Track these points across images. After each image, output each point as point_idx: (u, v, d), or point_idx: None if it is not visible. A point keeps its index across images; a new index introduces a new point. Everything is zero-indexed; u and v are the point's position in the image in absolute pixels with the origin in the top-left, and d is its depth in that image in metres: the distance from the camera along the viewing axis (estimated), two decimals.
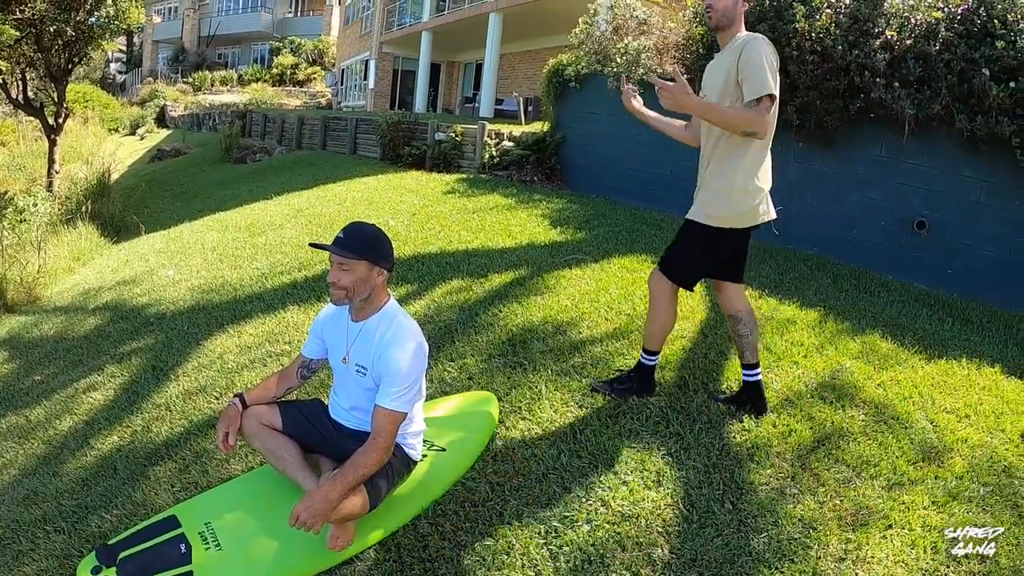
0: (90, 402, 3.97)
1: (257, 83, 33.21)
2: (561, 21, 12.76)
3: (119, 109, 31.16)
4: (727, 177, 2.93)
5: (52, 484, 3.18)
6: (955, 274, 5.42)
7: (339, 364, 2.60)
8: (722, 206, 2.94)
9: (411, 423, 2.57)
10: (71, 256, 8.31)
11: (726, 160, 2.95)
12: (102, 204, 11.11)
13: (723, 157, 2.96)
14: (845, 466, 2.86)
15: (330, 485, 2.23)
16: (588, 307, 4.31)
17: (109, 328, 5.17)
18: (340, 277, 2.39)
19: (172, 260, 6.81)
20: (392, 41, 24.44)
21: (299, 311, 4.64)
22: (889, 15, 5.45)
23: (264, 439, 2.55)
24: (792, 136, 6.20)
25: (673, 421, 3.11)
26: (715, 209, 2.95)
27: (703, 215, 2.98)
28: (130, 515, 2.81)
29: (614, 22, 7.97)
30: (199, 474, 3.02)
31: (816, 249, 6.18)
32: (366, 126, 13.22)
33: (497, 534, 2.49)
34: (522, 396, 3.33)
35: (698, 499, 2.64)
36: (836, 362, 3.71)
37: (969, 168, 5.33)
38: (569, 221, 6.48)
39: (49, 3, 11.20)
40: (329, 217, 7.26)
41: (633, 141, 7.75)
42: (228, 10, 40.17)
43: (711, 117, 2.84)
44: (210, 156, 17.72)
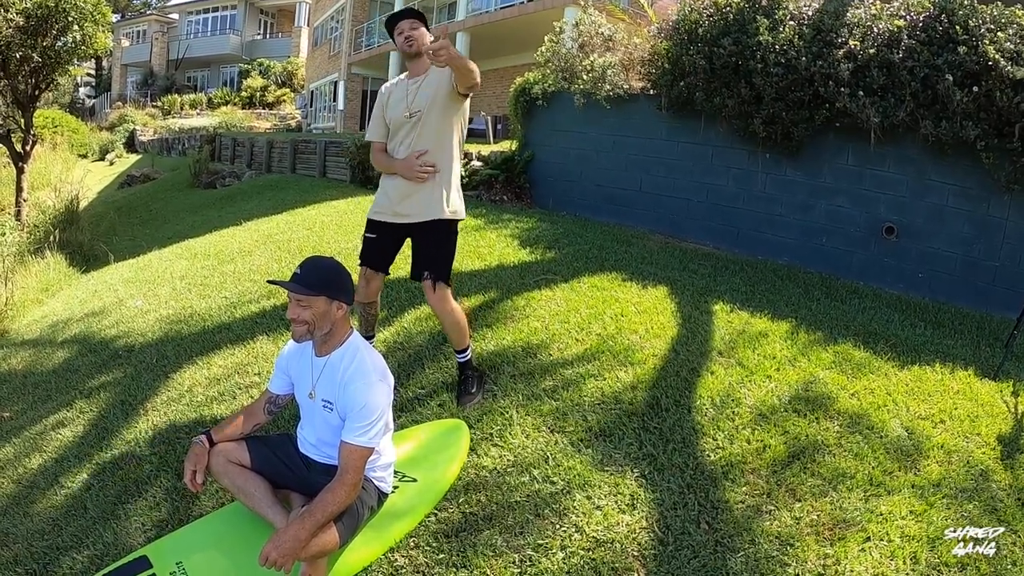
0: (59, 439, 3.88)
1: (227, 106, 33.03)
2: (528, 39, 12.84)
3: (88, 134, 30.80)
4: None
5: (23, 525, 3.11)
6: (925, 278, 5.48)
7: (305, 399, 2.56)
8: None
9: (381, 456, 2.53)
10: (39, 287, 8.15)
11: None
12: (71, 232, 10.94)
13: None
14: (821, 479, 2.85)
15: (299, 524, 2.18)
16: (558, 328, 4.28)
17: (78, 362, 5.07)
18: (299, 313, 2.37)
19: (141, 290, 6.70)
20: (361, 62, 24.44)
21: (268, 341, 4.57)
22: (852, 25, 5.53)
23: (232, 476, 2.50)
24: (759, 147, 6.26)
25: (646, 442, 3.09)
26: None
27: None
28: (101, 555, 2.76)
29: (580, 39, 8.02)
30: (169, 512, 2.96)
31: (786, 258, 6.22)
32: (335, 149, 13.15)
33: (471, 564, 2.45)
34: (493, 422, 3.29)
35: (673, 521, 2.62)
36: (810, 373, 3.71)
37: (935, 173, 5.41)
38: (539, 240, 6.47)
39: (15, 29, 11.06)
40: (299, 243, 7.19)
41: (601, 158, 7.78)
42: (197, 33, 39.98)
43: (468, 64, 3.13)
44: (179, 181, 17.56)
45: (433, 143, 3.36)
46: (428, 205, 3.36)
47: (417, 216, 3.37)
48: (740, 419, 3.28)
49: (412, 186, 3.34)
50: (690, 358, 3.88)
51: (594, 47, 7.87)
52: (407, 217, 3.39)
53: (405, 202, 3.37)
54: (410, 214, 3.38)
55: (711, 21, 6.26)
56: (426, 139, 3.35)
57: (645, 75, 7.28)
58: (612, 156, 7.68)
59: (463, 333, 3.51)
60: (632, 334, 4.19)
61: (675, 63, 6.56)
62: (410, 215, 3.38)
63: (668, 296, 4.91)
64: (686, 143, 6.98)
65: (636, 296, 4.86)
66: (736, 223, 6.63)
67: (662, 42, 6.79)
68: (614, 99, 7.33)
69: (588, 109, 7.62)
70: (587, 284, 5.10)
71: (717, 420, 3.27)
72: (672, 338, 4.17)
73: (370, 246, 3.53)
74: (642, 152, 7.38)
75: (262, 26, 40.40)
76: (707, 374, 3.70)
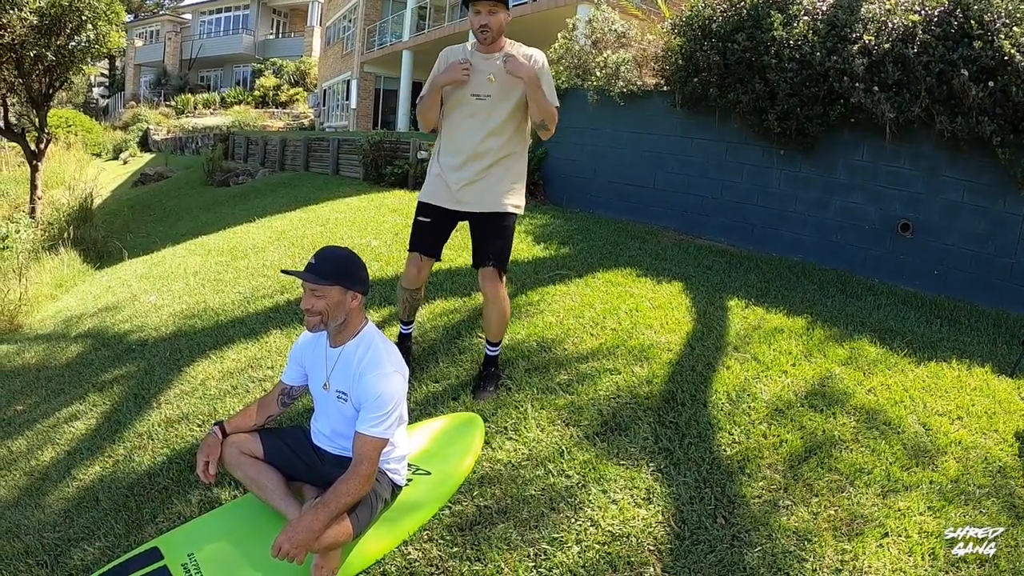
0: (72, 432, 3.89)
1: (240, 105, 33.14)
2: (541, 36, 12.81)
3: (102, 133, 31.00)
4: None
5: (35, 516, 3.11)
6: (941, 275, 5.43)
7: (320, 391, 2.55)
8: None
9: (395, 448, 2.52)
10: (53, 283, 8.21)
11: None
12: (85, 230, 11.02)
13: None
14: (838, 474, 2.82)
15: (312, 515, 2.17)
16: (573, 323, 4.27)
17: (91, 356, 5.09)
18: (313, 303, 2.36)
19: (154, 286, 6.73)
20: (373, 61, 24.48)
21: (281, 335, 4.57)
22: (866, 20, 5.48)
23: (245, 468, 2.50)
24: (773, 143, 6.22)
25: (662, 436, 3.07)
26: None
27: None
28: (113, 547, 2.75)
29: (593, 36, 7.99)
30: (182, 504, 2.95)
31: (801, 255, 6.18)
32: (348, 146, 13.18)
33: (486, 558, 2.44)
34: (508, 416, 3.27)
35: (689, 515, 2.60)
36: (825, 369, 3.69)
37: (951, 169, 5.36)
38: (552, 236, 6.45)
39: (29, 28, 11.14)
40: (312, 239, 7.20)
41: (615, 154, 7.76)
42: (210, 32, 40.19)
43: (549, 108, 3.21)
44: (193, 179, 17.64)
45: (498, 131, 3.25)
46: (494, 196, 3.29)
47: (479, 206, 3.30)
48: (756, 414, 3.25)
49: (473, 171, 3.25)
50: (705, 353, 3.86)
51: (607, 44, 7.84)
52: (468, 205, 3.30)
53: (468, 189, 3.27)
54: (472, 202, 3.29)
55: (725, 16, 6.23)
56: (491, 124, 3.24)
57: (659, 71, 7.25)
58: (626, 153, 7.65)
59: (505, 325, 3.49)
60: (647, 329, 4.17)
61: (689, 59, 6.53)
62: (471, 204, 3.30)
63: (683, 292, 4.89)
64: (700, 139, 6.94)
65: (651, 292, 4.84)
66: (751, 220, 6.59)
67: (676, 38, 6.76)
68: (628, 96, 7.30)
69: (602, 106, 7.60)
70: (601, 280, 5.08)
71: (733, 415, 3.25)
72: (687, 333, 4.14)
73: (425, 231, 3.42)
74: (656, 148, 7.35)
75: (275, 26, 40.54)
76: (723, 369, 3.67)
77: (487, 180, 3.28)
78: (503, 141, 3.28)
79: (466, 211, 3.33)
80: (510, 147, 3.30)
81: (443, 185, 3.31)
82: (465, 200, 3.30)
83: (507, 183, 3.32)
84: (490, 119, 3.24)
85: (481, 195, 3.29)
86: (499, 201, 3.30)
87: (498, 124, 3.24)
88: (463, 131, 3.26)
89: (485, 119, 3.23)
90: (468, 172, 3.26)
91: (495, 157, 3.28)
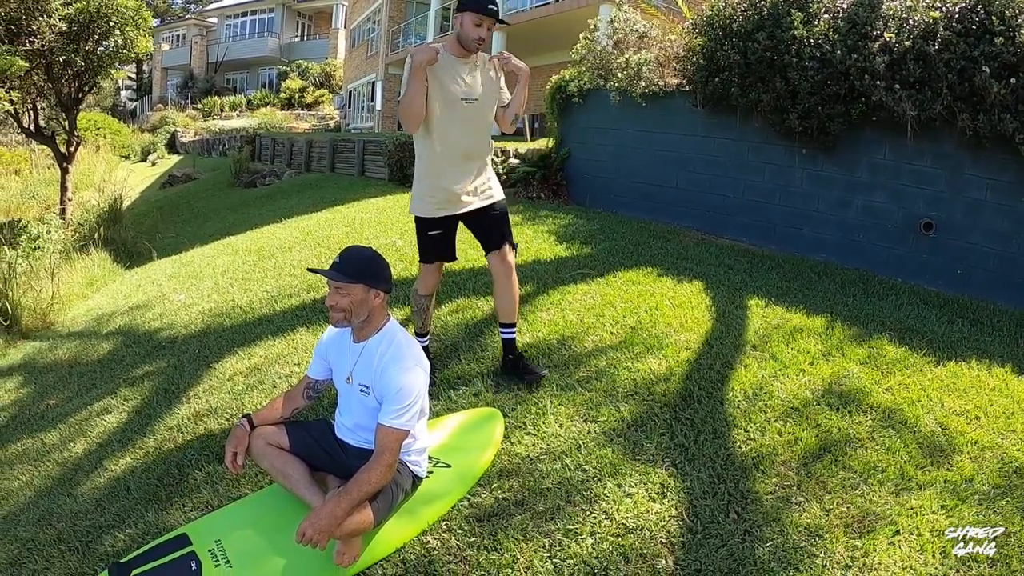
0: (104, 425, 4.03)
1: (266, 107, 33.55)
2: (563, 37, 12.86)
3: (130, 136, 31.53)
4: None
5: (67, 505, 3.23)
6: (964, 274, 5.39)
7: (343, 384, 2.64)
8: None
9: (416, 440, 2.60)
10: (84, 282, 8.40)
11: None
12: (114, 230, 11.23)
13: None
14: (852, 472, 2.85)
15: (335, 502, 2.26)
16: (593, 321, 4.32)
17: (122, 352, 5.24)
18: (337, 300, 2.46)
19: (183, 285, 6.88)
20: (398, 62, 24.65)
21: (307, 332, 4.68)
22: (887, 17, 5.45)
23: (271, 458, 2.59)
24: (795, 142, 6.21)
25: (678, 433, 3.12)
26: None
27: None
28: (142, 534, 2.85)
29: (614, 36, 8.01)
30: (210, 493, 3.06)
31: (823, 255, 6.16)
32: (373, 148, 13.32)
33: (502, 548, 2.51)
34: (527, 411, 3.34)
35: (702, 510, 2.64)
36: (843, 368, 3.70)
37: (973, 167, 5.31)
38: (575, 236, 6.51)
39: (58, 34, 11.38)
40: (338, 239, 7.32)
41: (637, 154, 7.78)
42: (235, 36, 40.72)
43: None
44: (220, 181, 17.91)
45: (484, 131, 3.45)
46: (490, 189, 3.50)
47: (482, 201, 3.47)
48: (772, 412, 3.28)
49: (470, 172, 3.41)
50: (723, 351, 3.89)
51: (629, 44, 7.86)
52: (471, 204, 3.45)
53: (470, 189, 3.43)
54: (474, 200, 3.45)
55: (745, 16, 6.23)
56: (480, 126, 3.41)
57: (680, 71, 7.26)
58: (648, 153, 7.67)
59: (517, 303, 3.65)
60: (666, 327, 4.21)
61: (710, 59, 6.53)
62: (474, 202, 3.45)
63: (703, 291, 4.91)
64: (722, 139, 6.95)
65: (671, 291, 4.88)
66: (773, 219, 6.59)
67: (696, 38, 6.77)
68: (649, 96, 7.32)
69: (624, 106, 7.62)
70: (622, 279, 5.12)
71: (749, 412, 3.28)
72: (706, 332, 4.18)
73: (439, 242, 3.54)
74: (678, 148, 7.36)
75: (300, 28, 40.98)
76: (740, 367, 3.70)
77: (482, 177, 3.47)
78: (488, 139, 3.51)
79: (469, 210, 3.47)
80: (490, 144, 3.54)
81: (447, 195, 3.42)
82: (468, 200, 3.44)
83: (492, 175, 3.55)
84: (481, 120, 3.41)
85: (481, 191, 3.47)
86: (494, 192, 3.52)
87: (486, 124, 3.45)
88: (458, 135, 3.36)
89: (477, 121, 3.39)
90: (468, 174, 3.41)
91: (484, 155, 3.50)
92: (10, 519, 3.26)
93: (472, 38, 3.22)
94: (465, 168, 3.40)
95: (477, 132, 3.40)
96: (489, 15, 3.18)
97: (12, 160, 21.20)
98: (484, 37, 3.22)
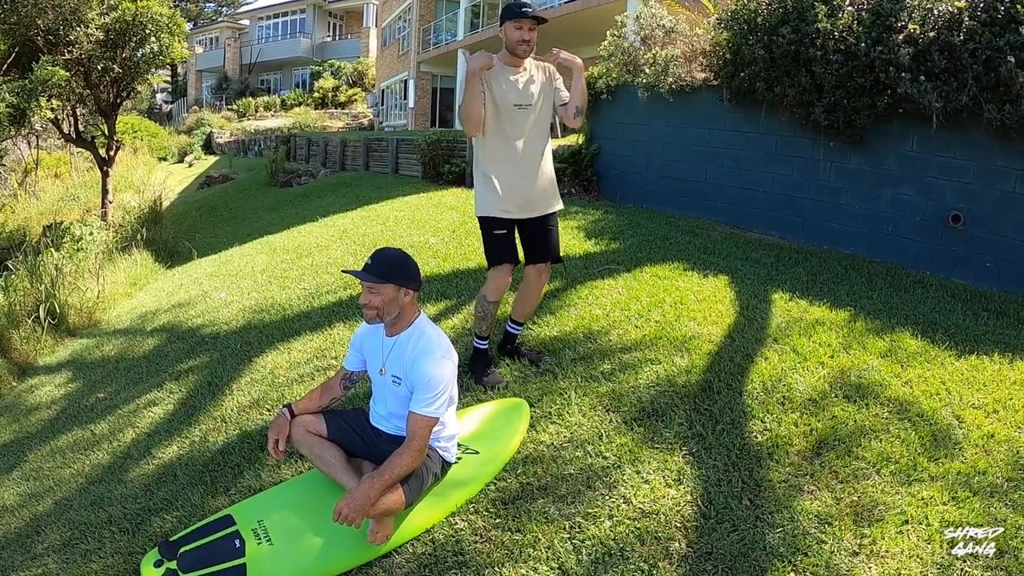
0: (151, 416, 4.26)
1: (300, 107, 33.95)
2: (591, 33, 12.91)
3: (167, 138, 32.06)
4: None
5: (117, 490, 3.46)
6: (993, 267, 5.37)
7: (377, 375, 2.81)
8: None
9: (445, 428, 2.77)
10: (127, 281, 8.70)
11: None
12: (155, 231, 11.55)
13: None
14: (864, 462, 2.92)
15: (369, 483, 2.44)
16: (618, 315, 4.44)
17: (167, 348, 5.49)
18: (370, 299, 2.65)
19: (224, 283, 7.13)
20: (429, 60, 24.89)
21: (344, 328, 4.86)
22: (911, 8, 5.44)
23: (311, 445, 2.78)
24: (822, 136, 6.23)
25: (696, 422, 3.23)
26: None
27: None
28: (189, 516, 3.06)
29: (642, 33, 8.08)
30: (252, 478, 3.26)
31: (852, 248, 6.18)
32: (407, 146, 13.53)
33: (525, 529, 2.66)
34: (552, 402, 3.48)
35: (717, 496, 2.76)
36: (863, 361, 3.74)
37: (1002, 158, 5.28)
38: (604, 232, 6.61)
39: (96, 43, 11.71)
40: (373, 237, 7.50)
41: (666, 149, 7.85)
42: (268, 37, 41.29)
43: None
44: (257, 181, 18.28)
45: (539, 136, 3.61)
46: (550, 197, 3.66)
47: (544, 209, 3.63)
48: (790, 403, 3.37)
49: (536, 180, 3.57)
50: (745, 344, 3.98)
51: (656, 40, 7.93)
52: (533, 211, 3.61)
53: (532, 195, 3.58)
54: (536, 207, 3.61)
55: (770, 10, 6.26)
56: (535, 131, 3.58)
57: (707, 66, 7.31)
58: (677, 148, 7.74)
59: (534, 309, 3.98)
60: (690, 321, 4.31)
61: (735, 53, 6.58)
62: (536, 208, 3.61)
63: (728, 285, 4.99)
64: (749, 133, 6.99)
65: (696, 285, 4.97)
66: (801, 213, 6.62)
67: (722, 32, 6.82)
68: (677, 91, 7.38)
69: (652, 102, 7.70)
70: (649, 273, 5.22)
71: (767, 404, 3.37)
72: (729, 325, 4.26)
73: (508, 242, 3.63)
74: (706, 143, 7.42)
75: (331, 28, 41.41)
76: (760, 360, 3.79)
77: (541, 183, 3.60)
78: (544, 144, 3.63)
79: (531, 216, 3.62)
80: (548, 148, 3.66)
81: (513, 196, 3.55)
82: (531, 206, 3.60)
83: (552, 182, 3.68)
84: (535, 125, 3.55)
85: (542, 198, 3.62)
86: (554, 202, 3.67)
87: (541, 129, 3.58)
88: (514, 140, 3.53)
89: (531, 126, 3.54)
90: (528, 179, 3.57)
91: (541, 160, 3.62)
92: (63, 504, 3.50)
93: (515, 41, 3.44)
94: (527, 173, 3.56)
95: (535, 136, 3.57)
96: (523, 16, 3.39)
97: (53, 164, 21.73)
98: (527, 39, 3.43)
